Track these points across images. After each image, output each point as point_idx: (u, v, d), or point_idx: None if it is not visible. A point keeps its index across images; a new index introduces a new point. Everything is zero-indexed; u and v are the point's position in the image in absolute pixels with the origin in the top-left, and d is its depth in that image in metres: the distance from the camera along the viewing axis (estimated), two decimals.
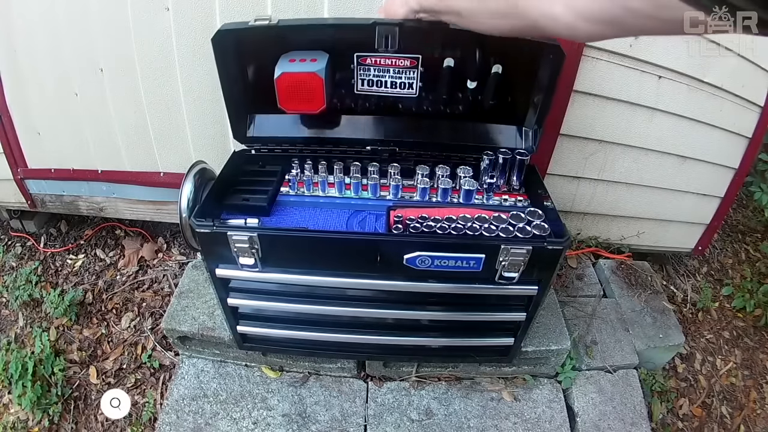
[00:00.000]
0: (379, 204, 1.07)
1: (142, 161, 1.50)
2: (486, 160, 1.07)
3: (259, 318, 1.12)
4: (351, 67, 1.06)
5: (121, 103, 1.38)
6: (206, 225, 0.90)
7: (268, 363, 1.33)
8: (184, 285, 1.41)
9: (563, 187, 1.51)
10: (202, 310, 1.33)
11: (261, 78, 1.05)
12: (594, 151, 1.43)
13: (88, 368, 1.48)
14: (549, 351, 1.26)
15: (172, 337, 1.32)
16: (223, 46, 0.97)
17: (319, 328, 1.10)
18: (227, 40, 0.96)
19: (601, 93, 1.30)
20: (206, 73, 1.27)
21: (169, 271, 1.72)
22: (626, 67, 1.26)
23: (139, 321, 1.58)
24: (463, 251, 0.90)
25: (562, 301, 1.46)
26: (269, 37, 1.00)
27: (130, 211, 1.68)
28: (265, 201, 1.03)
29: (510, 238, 0.91)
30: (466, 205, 1.05)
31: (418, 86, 1.08)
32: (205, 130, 1.38)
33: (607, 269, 1.63)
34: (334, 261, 0.96)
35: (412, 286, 0.98)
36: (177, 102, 1.34)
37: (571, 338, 1.29)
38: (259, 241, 0.90)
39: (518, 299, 1.04)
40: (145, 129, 1.41)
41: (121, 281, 1.71)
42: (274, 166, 1.14)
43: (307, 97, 1.00)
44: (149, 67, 1.29)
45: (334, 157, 1.12)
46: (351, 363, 1.30)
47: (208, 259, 0.97)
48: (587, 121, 1.36)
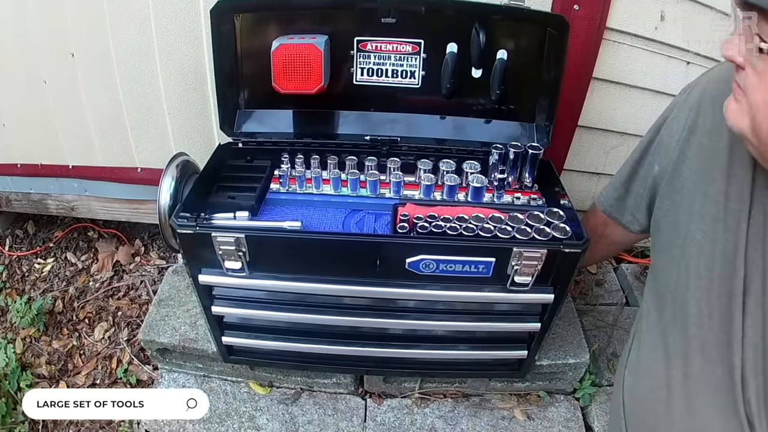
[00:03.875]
0: (379, 202, 1.07)
1: (117, 155, 1.50)
2: (495, 154, 1.07)
3: (247, 328, 1.12)
4: (351, 53, 1.08)
5: (94, 92, 1.38)
6: (188, 225, 0.90)
7: (257, 378, 1.33)
8: (163, 292, 1.42)
9: (581, 183, 1.51)
10: (184, 320, 1.33)
11: (255, 61, 1.07)
12: (616, 144, 1.43)
13: (57, 384, 1.48)
14: (566, 365, 1.26)
15: (150, 349, 1.32)
16: (221, 19, 0.99)
17: (312, 339, 1.11)
18: (226, 13, 0.98)
19: (624, 80, 1.30)
20: (189, 57, 1.27)
21: (147, 277, 1.72)
22: (651, 52, 1.26)
23: (114, 332, 1.58)
24: (472, 254, 0.90)
25: (581, 310, 1.46)
26: (269, 11, 1.03)
27: (104, 211, 1.68)
28: (252, 199, 1.03)
29: (523, 240, 0.91)
30: (478, 203, 1.05)
31: (420, 75, 1.10)
32: (187, 120, 1.39)
33: (630, 274, 1.63)
34: (330, 265, 0.96)
35: (415, 294, 0.98)
36: (156, 90, 1.34)
37: (590, 351, 1.29)
38: (246, 242, 0.90)
39: (532, 307, 1.04)
40: (121, 120, 1.41)
41: (95, 288, 1.71)
42: (263, 160, 1.14)
43: (305, 73, 1.02)
44: (125, 51, 1.29)
45: (329, 151, 1.12)
46: (348, 378, 1.30)
47: (191, 263, 0.97)
48: (608, 112, 1.36)
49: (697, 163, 0.66)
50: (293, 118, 1.19)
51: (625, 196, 0.82)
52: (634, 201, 0.81)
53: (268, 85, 1.06)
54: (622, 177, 0.82)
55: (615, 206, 0.85)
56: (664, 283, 0.72)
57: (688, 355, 0.68)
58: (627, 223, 0.84)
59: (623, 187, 0.83)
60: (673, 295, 0.69)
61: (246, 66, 1.11)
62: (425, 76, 1.11)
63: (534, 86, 1.11)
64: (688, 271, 0.66)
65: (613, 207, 0.86)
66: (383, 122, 1.17)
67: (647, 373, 0.77)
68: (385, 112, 1.16)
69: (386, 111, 1.16)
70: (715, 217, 0.63)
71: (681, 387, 0.69)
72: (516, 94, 1.12)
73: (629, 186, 0.81)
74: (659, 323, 0.73)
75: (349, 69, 1.11)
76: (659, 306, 0.74)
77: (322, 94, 1.07)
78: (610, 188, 0.86)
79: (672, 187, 0.70)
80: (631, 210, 0.82)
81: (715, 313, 0.64)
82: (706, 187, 0.64)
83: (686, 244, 0.66)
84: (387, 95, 1.14)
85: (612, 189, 0.85)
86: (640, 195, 0.78)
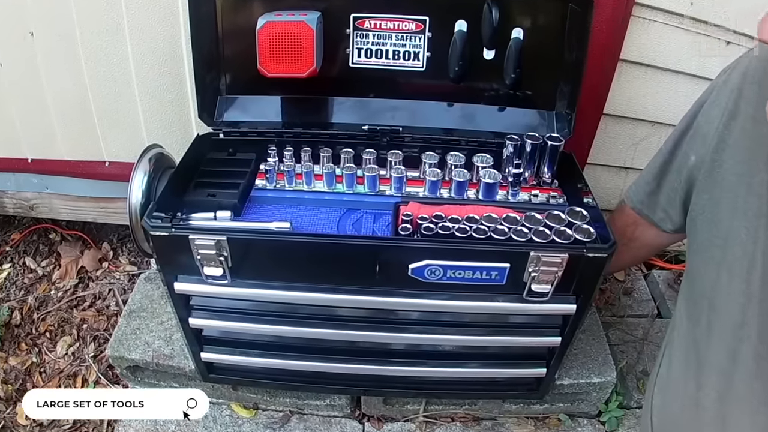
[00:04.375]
0: (378, 201, 1.07)
1: (82, 147, 1.49)
2: (509, 146, 1.07)
3: (229, 343, 1.12)
4: (346, 32, 1.08)
5: (56, 76, 1.38)
6: (162, 226, 0.90)
7: (240, 399, 1.33)
8: (134, 302, 1.41)
9: (607, 179, 1.51)
10: (158, 334, 1.33)
11: (238, 41, 1.08)
12: (646, 135, 1.43)
13: (15, 406, 1.47)
14: (590, 384, 1.26)
15: (119, 366, 1.32)
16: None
17: (303, 355, 1.10)
18: None
19: (655, 63, 1.30)
20: (163, 36, 1.26)
21: (116, 285, 1.72)
22: (686, 31, 1.26)
23: (79, 347, 1.58)
24: (483, 260, 0.90)
25: (606, 323, 1.46)
26: None
27: (67, 210, 1.67)
28: (235, 197, 1.03)
29: (541, 243, 0.91)
30: (490, 202, 1.05)
31: (425, 57, 1.11)
32: (161, 108, 1.38)
33: (663, 282, 1.64)
34: (322, 272, 0.96)
35: (419, 304, 0.98)
36: (126, 73, 1.34)
37: (617, 368, 1.29)
38: (228, 246, 0.90)
39: (551, 320, 1.03)
40: (87, 107, 1.41)
41: (57, 297, 1.71)
42: (247, 153, 1.14)
43: (294, 54, 1.02)
44: (92, 29, 1.29)
45: (321, 143, 1.12)
46: (343, 399, 1.30)
47: (165, 269, 0.97)
48: (638, 98, 1.36)
49: (739, 152, 0.66)
50: (281, 106, 1.19)
51: (658, 191, 0.82)
52: (667, 196, 0.80)
53: (253, 68, 1.06)
54: (654, 169, 0.82)
55: (646, 202, 0.85)
56: (700, 289, 0.72)
57: (724, 371, 0.67)
58: (659, 221, 0.84)
59: (655, 181, 0.82)
60: (709, 301, 0.69)
61: (228, 46, 1.11)
62: (431, 58, 1.10)
63: (554, 69, 1.11)
64: (730, 274, 0.66)
65: (643, 203, 0.85)
66: (383, 110, 1.17)
67: (677, 391, 0.77)
68: (386, 98, 1.16)
69: (386, 97, 1.16)
70: (758, 212, 0.63)
71: (715, 406, 0.69)
72: (533, 78, 1.12)
73: (662, 179, 0.81)
74: (692, 334, 0.73)
75: (344, 50, 1.11)
76: (693, 314, 0.74)
77: (314, 78, 1.06)
78: (641, 182, 0.86)
79: (711, 180, 0.69)
80: (664, 206, 0.82)
81: (754, 322, 0.63)
82: (749, 178, 0.64)
83: (728, 244, 0.66)
84: (387, 79, 1.13)
85: (642, 183, 0.85)
86: (674, 189, 0.78)
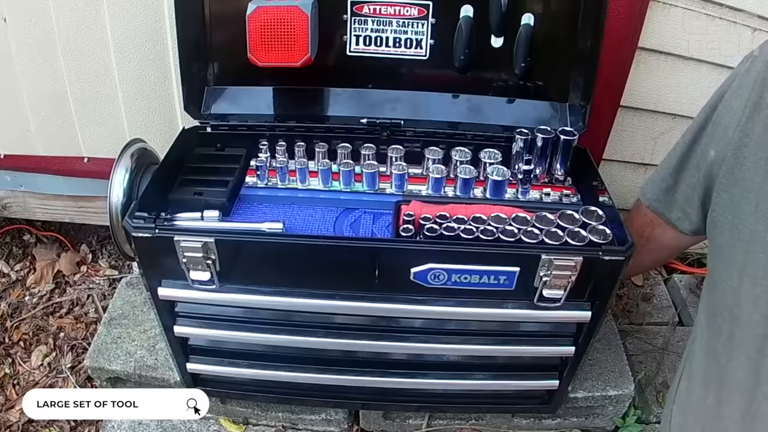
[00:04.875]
0: (378, 199, 1.08)
1: (59, 142, 1.50)
2: (519, 140, 1.08)
3: (217, 353, 1.13)
4: (343, 18, 1.08)
5: (31, 65, 1.39)
6: (145, 227, 0.90)
7: (229, 413, 1.33)
8: (115, 309, 1.42)
9: (625, 176, 1.52)
10: (140, 343, 1.33)
11: (227, 28, 1.07)
12: (666, 129, 1.43)
13: None
14: (606, 397, 1.27)
15: (99, 378, 1.33)
16: None
17: (297, 366, 1.11)
18: None
19: (677, 51, 1.30)
20: (146, 23, 1.27)
21: (95, 290, 1.72)
22: (709, 16, 1.26)
23: (56, 357, 1.58)
24: (491, 263, 0.91)
25: (624, 331, 1.47)
26: None
27: (43, 210, 1.67)
28: (224, 195, 1.03)
29: (554, 245, 0.91)
30: (499, 201, 1.05)
31: (428, 44, 1.11)
32: (144, 99, 1.39)
33: (684, 287, 1.64)
34: (318, 276, 0.96)
35: (422, 311, 0.98)
36: (106, 62, 1.35)
37: (635, 380, 1.30)
38: (216, 248, 0.91)
39: (564, 328, 1.04)
40: (64, 99, 1.42)
41: (32, 304, 1.71)
42: (236, 148, 1.14)
43: (287, 41, 1.02)
44: (69, 15, 1.30)
45: (317, 137, 1.13)
46: (340, 413, 1.31)
47: (149, 273, 0.97)
48: (657, 89, 1.36)
49: (763, 147, 0.65)
50: (273, 97, 1.19)
51: (674, 188, 0.82)
52: (684, 194, 0.80)
53: (243, 57, 1.06)
54: (671, 164, 0.81)
55: (662, 200, 0.84)
56: (721, 297, 0.71)
57: (748, 389, 0.67)
58: (676, 221, 0.83)
59: (672, 177, 0.82)
60: (730, 311, 0.69)
61: (216, 33, 1.12)
62: (434, 46, 1.11)
63: (567, 58, 1.11)
64: (753, 282, 0.65)
65: (659, 201, 0.85)
66: (383, 102, 1.17)
67: (698, 409, 0.76)
68: (386, 89, 1.16)
69: (387, 88, 1.16)
70: None
71: (737, 429, 0.69)
72: (545, 67, 1.12)
73: (679, 175, 0.80)
74: (712, 347, 0.73)
75: (341, 37, 1.11)
76: (713, 325, 0.73)
77: (309, 68, 1.07)
78: (657, 178, 0.85)
79: (732, 178, 0.69)
80: (682, 205, 0.81)
81: None
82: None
83: (750, 249, 0.65)
84: (388, 69, 1.14)
85: (659, 179, 0.85)
86: (692, 186, 0.78)
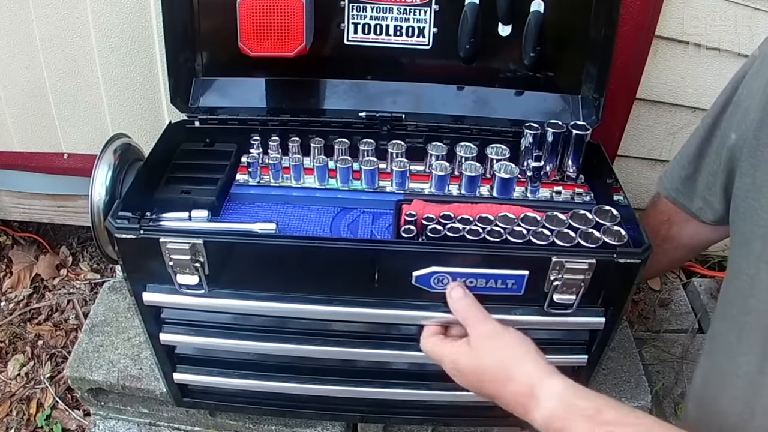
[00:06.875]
0: (377, 198, 1.08)
1: (37, 138, 1.50)
2: (528, 135, 1.07)
3: (206, 362, 1.12)
4: (341, 4, 1.09)
5: (6, 54, 1.39)
6: (129, 228, 0.90)
7: (219, 426, 1.33)
8: (97, 315, 1.42)
9: (641, 174, 1.52)
10: (124, 351, 1.33)
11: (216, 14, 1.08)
12: (685, 123, 1.44)
13: None
14: None
15: (80, 389, 1.32)
16: None
17: (291, 376, 1.11)
18: None
19: (697, 39, 1.31)
20: (130, 9, 1.27)
21: (75, 296, 1.73)
22: (731, 2, 1.27)
23: (34, 366, 1.59)
24: (498, 266, 0.90)
25: (640, 338, 1.47)
26: None
27: (20, 210, 1.68)
28: (213, 194, 1.03)
29: (565, 247, 0.91)
30: (506, 200, 1.05)
31: (431, 33, 1.11)
32: (128, 91, 1.39)
33: (704, 292, 1.64)
34: (314, 280, 0.96)
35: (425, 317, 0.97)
36: (88, 52, 1.35)
37: (652, 391, 1.30)
38: (205, 250, 0.90)
39: (576, 335, 1.04)
40: (42, 91, 1.42)
41: (8, 309, 1.72)
42: (226, 144, 1.14)
43: (280, 29, 1.02)
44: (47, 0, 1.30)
45: (312, 132, 1.13)
46: (337, 427, 1.31)
47: (133, 277, 0.97)
48: (676, 81, 1.37)
49: None
50: (266, 89, 1.19)
51: (695, 176, 0.82)
52: (705, 181, 0.80)
53: (233, 46, 1.06)
54: (691, 151, 0.82)
55: (682, 190, 0.85)
56: (737, 286, 0.71)
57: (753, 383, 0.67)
58: (697, 211, 0.83)
59: (692, 165, 0.82)
60: (744, 300, 0.69)
61: (205, 21, 1.12)
62: (438, 34, 1.11)
63: (579, 47, 1.11)
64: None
65: (679, 191, 0.85)
66: (383, 94, 1.17)
67: (712, 408, 0.76)
68: (386, 80, 1.16)
69: (387, 79, 1.16)
70: None
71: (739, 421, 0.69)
72: (555, 57, 1.12)
73: (699, 162, 0.81)
74: (726, 340, 0.73)
75: (338, 25, 1.11)
76: (726, 316, 0.74)
77: (304, 58, 1.07)
78: (675, 167, 0.86)
79: (755, 161, 0.69)
80: (703, 193, 0.81)
81: None
82: None
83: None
84: (388, 59, 1.14)
85: (678, 168, 0.85)
86: (714, 172, 0.78)
